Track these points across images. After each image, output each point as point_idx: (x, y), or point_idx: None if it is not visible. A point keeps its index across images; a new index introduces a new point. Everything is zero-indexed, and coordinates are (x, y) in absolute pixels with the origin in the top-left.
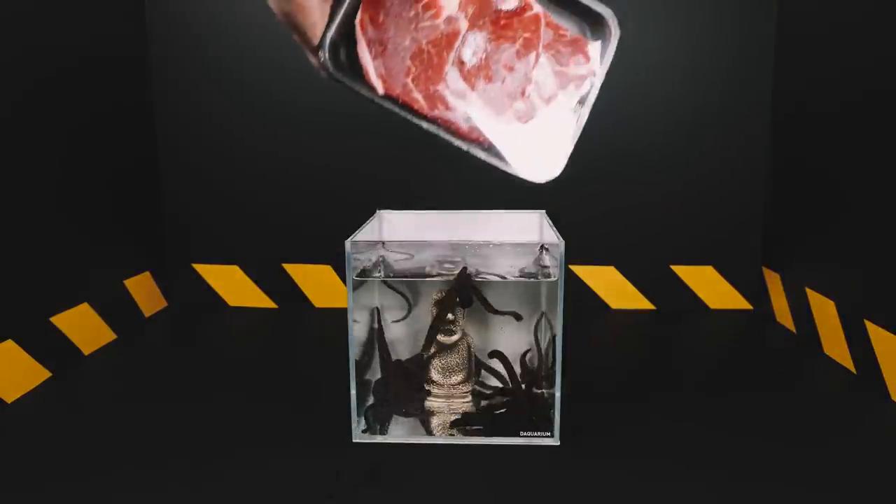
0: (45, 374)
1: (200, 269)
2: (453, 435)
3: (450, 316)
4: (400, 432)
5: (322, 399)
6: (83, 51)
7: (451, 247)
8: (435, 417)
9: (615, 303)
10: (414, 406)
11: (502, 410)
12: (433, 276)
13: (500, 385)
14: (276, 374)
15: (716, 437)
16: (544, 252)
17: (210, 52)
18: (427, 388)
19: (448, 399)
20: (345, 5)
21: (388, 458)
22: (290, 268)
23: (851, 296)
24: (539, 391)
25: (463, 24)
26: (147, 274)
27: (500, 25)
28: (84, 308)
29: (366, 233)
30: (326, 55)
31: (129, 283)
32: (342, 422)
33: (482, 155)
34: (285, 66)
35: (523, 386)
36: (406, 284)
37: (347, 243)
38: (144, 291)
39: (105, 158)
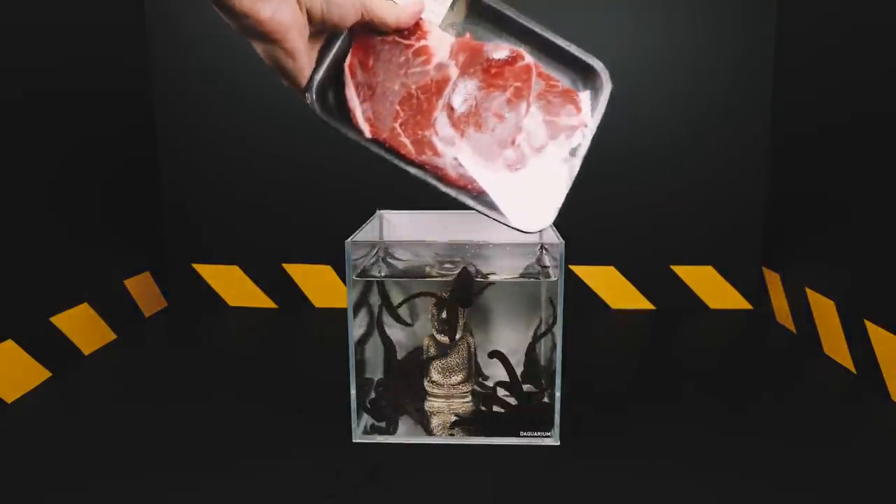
0: (45, 374)
1: (200, 269)
2: (453, 435)
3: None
4: (400, 432)
5: (322, 399)
6: (83, 52)
7: (451, 247)
8: (435, 417)
9: (615, 303)
10: (413, 404)
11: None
12: (433, 276)
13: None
14: (276, 374)
15: (716, 437)
16: (544, 252)
17: (210, 52)
18: (427, 387)
19: (448, 399)
20: (334, 49)
21: (388, 458)
22: (290, 268)
23: (851, 296)
24: (539, 391)
25: (453, 72)
26: (147, 274)
27: (492, 74)
28: (84, 308)
29: (366, 233)
30: (314, 97)
31: (129, 283)
32: (342, 422)
33: (470, 202)
34: None
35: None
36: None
37: (347, 243)
38: (144, 291)
39: (105, 158)
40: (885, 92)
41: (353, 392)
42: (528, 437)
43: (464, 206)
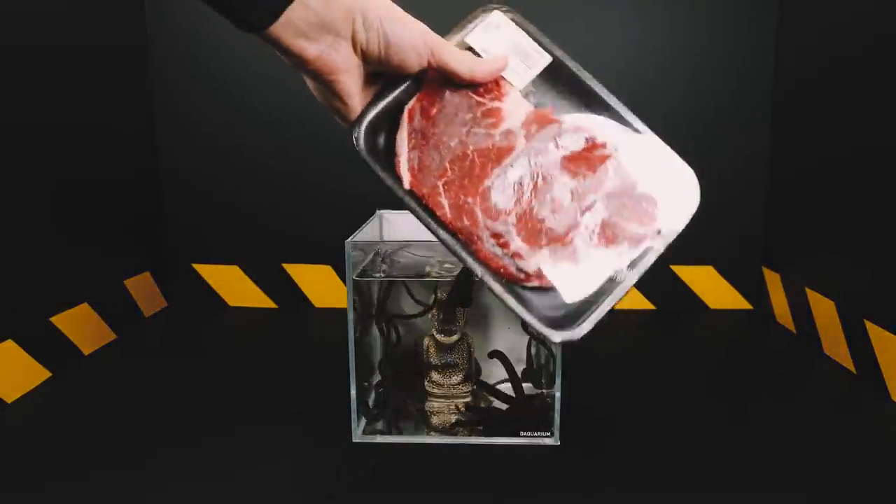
0: (45, 374)
1: (200, 269)
2: (455, 434)
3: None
4: (400, 432)
5: (322, 399)
6: (84, 52)
7: None
8: (435, 417)
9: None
10: (414, 404)
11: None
12: (433, 277)
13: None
14: (276, 374)
15: (715, 437)
16: None
17: (210, 52)
18: (427, 387)
19: (448, 399)
20: (398, 90)
21: (388, 458)
22: (290, 268)
23: (851, 296)
24: (539, 391)
25: (520, 143)
26: (147, 274)
27: (563, 157)
28: (84, 308)
29: (366, 233)
30: (361, 133)
31: (129, 283)
32: (342, 422)
33: (497, 288)
34: (285, 67)
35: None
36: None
37: (347, 243)
38: (144, 291)
39: (105, 159)
40: (885, 90)
41: (353, 392)
42: (528, 437)
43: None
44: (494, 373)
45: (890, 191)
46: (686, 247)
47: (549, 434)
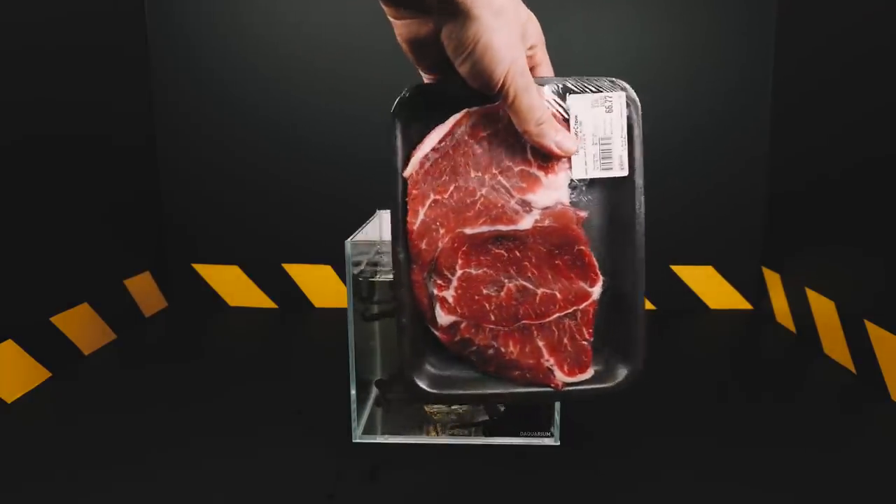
0: (45, 374)
1: (200, 269)
2: (455, 435)
3: None
4: (400, 432)
5: (322, 399)
6: (85, 56)
7: None
8: (435, 417)
9: None
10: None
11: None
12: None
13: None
14: (276, 374)
15: (714, 437)
16: None
17: (209, 52)
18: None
19: None
20: (457, 88)
21: (388, 458)
22: (290, 268)
23: (851, 296)
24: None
25: (526, 223)
26: (147, 274)
27: (552, 264)
28: (84, 308)
29: (365, 233)
30: (408, 96)
31: (129, 283)
32: (342, 422)
33: (401, 323)
34: (285, 67)
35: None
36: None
37: (347, 243)
38: (144, 291)
39: (105, 159)
40: (884, 88)
41: (353, 392)
42: (528, 436)
43: None
44: None
45: (890, 190)
46: (686, 247)
47: (549, 434)
